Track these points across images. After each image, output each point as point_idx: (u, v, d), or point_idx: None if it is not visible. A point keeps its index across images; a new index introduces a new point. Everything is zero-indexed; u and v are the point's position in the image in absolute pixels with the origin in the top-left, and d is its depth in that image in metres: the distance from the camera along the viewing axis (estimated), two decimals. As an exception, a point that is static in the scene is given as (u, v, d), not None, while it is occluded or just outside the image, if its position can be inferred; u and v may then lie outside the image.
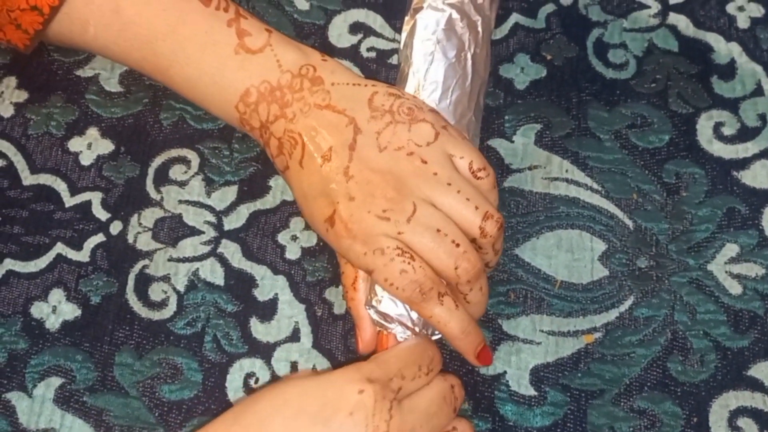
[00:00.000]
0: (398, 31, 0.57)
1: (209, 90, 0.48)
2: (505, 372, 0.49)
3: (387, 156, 0.45)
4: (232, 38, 0.48)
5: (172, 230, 0.53)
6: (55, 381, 0.49)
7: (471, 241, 0.45)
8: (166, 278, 0.51)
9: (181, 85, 0.49)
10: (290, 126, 0.46)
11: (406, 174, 0.45)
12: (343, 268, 0.48)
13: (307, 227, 0.52)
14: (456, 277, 0.44)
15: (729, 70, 0.57)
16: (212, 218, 0.53)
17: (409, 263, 0.43)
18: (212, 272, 0.52)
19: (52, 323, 0.50)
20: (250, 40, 0.48)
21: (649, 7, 0.59)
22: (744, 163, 0.54)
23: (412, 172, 0.45)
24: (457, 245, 0.44)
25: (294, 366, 0.50)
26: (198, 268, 0.52)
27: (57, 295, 0.51)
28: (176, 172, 0.54)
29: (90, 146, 0.54)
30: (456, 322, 0.44)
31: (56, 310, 0.51)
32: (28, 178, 0.53)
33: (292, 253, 0.52)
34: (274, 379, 0.49)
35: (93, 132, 0.55)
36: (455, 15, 0.49)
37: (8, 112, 0.55)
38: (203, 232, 0.53)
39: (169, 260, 0.52)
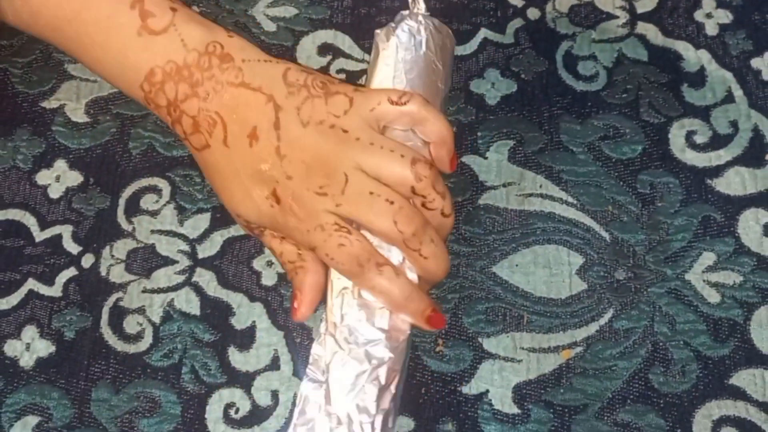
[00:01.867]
0: (367, 51, 0.57)
1: (115, 71, 0.49)
2: (488, 391, 0.49)
3: (312, 131, 0.46)
4: (135, 20, 0.48)
5: (146, 261, 0.52)
6: (32, 420, 0.48)
7: (413, 194, 0.46)
8: (140, 310, 0.51)
9: (91, 66, 0.50)
10: (205, 105, 0.47)
11: (333, 146, 0.45)
12: (279, 248, 0.48)
13: (283, 252, 0.52)
14: (399, 233, 0.45)
15: (699, 78, 0.57)
16: (186, 247, 0.52)
17: (346, 237, 0.44)
18: (188, 302, 0.51)
19: (27, 361, 0.49)
20: (153, 21, 0.48)
21: (617, 17, 0.59)
22: (717, 171, 0.54)
23: (337, 142, 0.45)
24: (391, 203, 0.45)
25: (275, 395, 0.49)
26: (173, 299, 0.51)
27: (30, 331, 0.50)
28: (147, 202, 0.53)
29: (58, 179, 0.54)
30: (398, 290, 0.45)
31: (30, 347, 0.50)
32: (-4, 214, 0.53)
33: (268, 279, 0.52)
34: (255, 408, 0.49)
35: (61, 164, 0.54)
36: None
37: (-26, 147, 0.54)
38: (177, 262, 0.52)
39: (143, 291, 0.51)
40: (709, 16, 0.59)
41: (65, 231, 0.52)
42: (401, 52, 0.49)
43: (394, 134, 0.47)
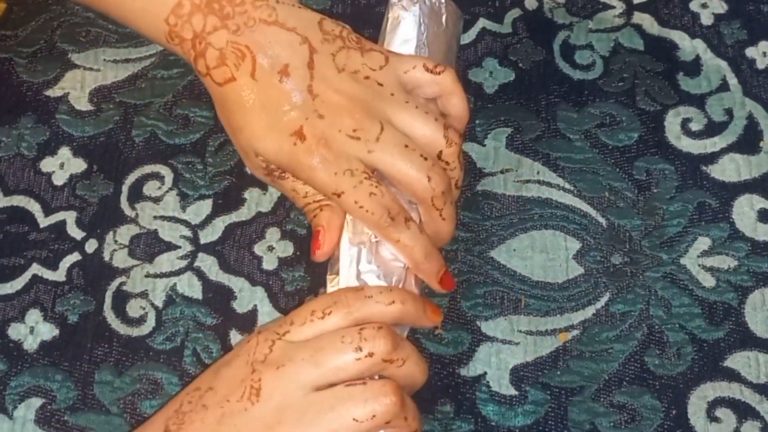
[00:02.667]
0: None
1: (138, 5, 0.47)
2: (486, 373, 0.50)
3: (347, 77, 0.46)
4: None
5: (149, 246, 0.53)
6: (36, 401, 0.49)
7: (438, 158, 0.46)
8: (143, 294, 0.51)
9: (110, 4, 0.49)
10: (234, 38, 0.46)
11: (368, 96, 0.45)
12: (287, 185, 0.48)
13: (284, 237, 0.53)
14: (430, 190, 0.45)
15: (694, 67, 0.57)
16: (188, 232, 0.53)
17: (377, 186, 0.44)
18: (190, 286, 0.52)
19: (30, 344, 0.50)
20: None
21: (613, 7, 0.59)
22: (712, 158, 0.55)
23: (373, 94, 0.46)
24: (425, 158, 0.45)
25: (275, 376, 0.50)
26: (175, 283, 0.52)
27: (34, 315, 0.51)
28: (150, 188, 0.54)
29: (62, 166, 0.54)
30: (420, 247, 0.45)
31: (34, 330, 0.50)
32: (1, 201, 0.53)
33: (269, 263, 0.52)
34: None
35: (65, 151, 0.55)
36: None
37: (-21, 134, 0.55)
38: (179, 247, 0.53)
39: (146, 276, 0.52)
40: (704, 6, 0.59)
41: (69, 217, 0.53)
42: (425, 23, 0.49)
43: None
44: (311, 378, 0.40)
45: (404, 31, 0.49)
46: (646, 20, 0.59)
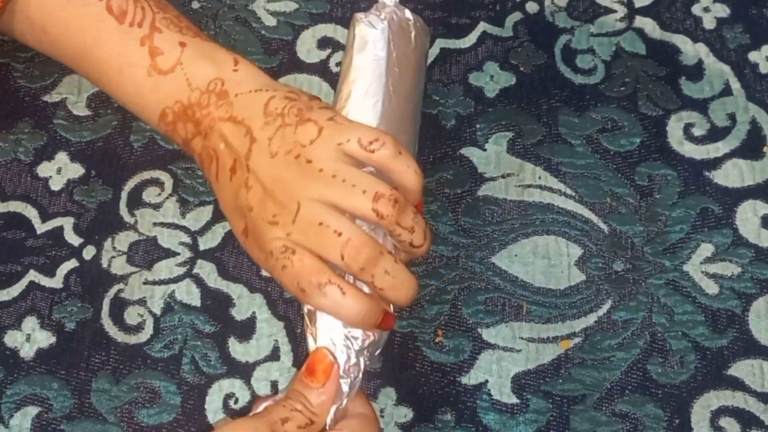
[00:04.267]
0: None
1: (133, 108, 0.49)
2: (487, 381, 0.49)
3: (278, 162, 0.45)
4: (144, 59, 0.47)
5: (147, 253, 0.52)
6: (32, 410, 0.48)
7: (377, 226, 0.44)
8: (141, 301, 0.51)
9: (114, 98, 0.50)
10: (205, 143, 0.46)
11: (294, 177, 0.44)
12: None
13: (283, 244, 0.52)
14: (346, 267, 0.43)
15: (697, 71, 0.57)
16: (187, 239, 0.52)
17: (288, 258, 0.43)
18: (188, 293, 0.51)
19: (27, 351, 0.50)
20: (162, 60, 0.47)
21: (615, 11, 0.59)
22: (715, 163, 0.54)
23: (300, 174, 0.44)
24: (339, 234, 0.43)
25: (274, 385, 0.49)
26: (174, 290, 0.51)
27: (31, 322, 0.50)
28: (150, 195, 0.54)
29: (60, 171, 0.54)
30: (345, 310, 0.43)
31: (30, 338, 0.50)
32: (-2, 206, 0.53)
33: (268, 270, 0.52)
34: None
35: (62, 156, 0.54)
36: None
37: (-24, 140, 0.54)
38: (178, 254, 0.52)
39: (144, 283, 0.51)
40: (706, 10, 0.59)
41: (66, 223, 0.53)
42: (393, 42, 0.47)
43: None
44: None
45: (372, 51, 0.47)
46: (648, 24, 0.58)
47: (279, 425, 0.39)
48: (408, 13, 0.48)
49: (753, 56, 0.57)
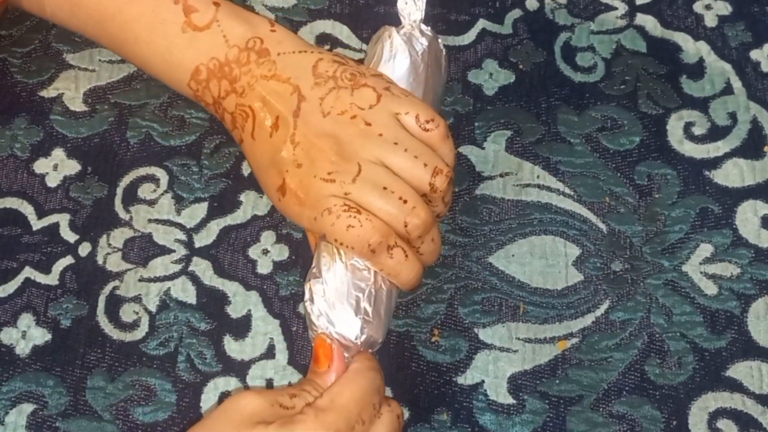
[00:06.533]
0: (365, 41, 0.57)
1: (161, 68, 0.48)
2: (483, 381, 0.49)
3: (330, 120, 0.45)
4: (179, 16, 0.47)
5: (143, 250, 0.52)
6: (27, 407, 0.48)
7: (422, 196, 0.45)
8: (137, 299, 0.51)
9: (136, 62, 0.50)
10: (241, 100, 0.47)
11: (350, 136, 0.45)
12: (309, 236, 0.48)
13: (279, 240, 0.52)
14: (406, 233, 0.44)
15: (698, 70, 0.56)
16: (182, 236, 0.52)
17: (355, 217, 0.43)
18: (184, 291, 0.51)
19: (22, 348, 0.50)
20: (197, 17, 0.47)
21: (615, 8, 0.58)
22: (715, 163, 0.54)
23: (357, 134, 0.45)
24: (405, 201, 0.44)
25: (269, 383, 0.49)
26: (169, 288, 0.51)
27: (26, 319, 0.50)
28: (145, 191, 0.53)
29: (56, 167, 0.54)
30: (406, 272, 0.45)
31: (26, 335, 0.50)
32: (-7, 202, 0.53)
33: (264, 267, 0.52)
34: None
35: (58, 153, 0.54)
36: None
37: (-28, 135, 0.54)
38: (174, 251, 0.52)
39: (139, 280, 0.51)
40: (708, 7, 0.58)
41: (62, 219, 0.52)
42: (427, 64, 0.48)
43: None
44: None
45: (404, 64, 0.48)
46: (648, 22, 0.58)
47: (287, 398, 0.40)
48: (435, 38, 0.50)
49: (755, 54, 0.57)
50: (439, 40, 0.50)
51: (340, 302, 0.43)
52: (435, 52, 0.49)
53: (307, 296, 0.44)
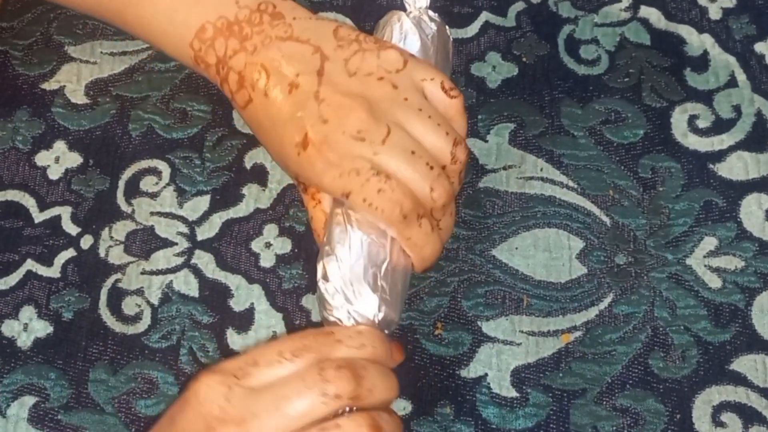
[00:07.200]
0: (368, 33, 0.57)
1: (163, 28, 0.47)
2: (486, 374, 0.49)
3: (357, 81, 0.44)
4: None
5: (145, 243, 0.52)
6: (29, 400, 0.48)
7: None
8: (139, 291, 0.51)
9: (135, 25, 0.49)
10: (252, 58, 0.46)
11: (379, 97, 0.44)
12: (312, 212, 0.47)
13: (282, 234, 0.52)
14: (432, 201, 0.44)
15: (702, 62, 0.56)
16: (185, 229, 0.52)
17: (384, 181, 0.42)
18: (186, 284, 0.51)
19: (24, 341, 0.49)
20: None
21: (619, 1, 0.58)
22: (720, 156, 0.54)
23: (384, 96, 0.44)
24: (431, 168, 0.43)
25: (272, 376, 0.49)
26: (172, 280, 0.51)
27: (28, 312, 0.50)
28: (147, 184, 0.53)
29: (58, 160, 0.54)
30: (430, 246, 0.44)
31: (28, 327, 0.50)
32: (-5, 195, 0.53)
33: (267, 260, 0.51)
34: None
35: (60, 145, 0.54)
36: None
37: (-27, 128, 0.54)
38: (176, 244, 0.52)
39: (142, 273, 0.51)
40: (712, 0, 0.58)
41: (64, 212, 0.52)
42: (436, 48, 0.48)
43: None
44: (278, 430, 0.37)
45: (415, 46, 0.48)
46: (652, 14, 0.58)
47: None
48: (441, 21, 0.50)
49: (759, 47, 0.57)
50: (447, 28, 0.50)
51: (357, 279, 0.42)
52: (443, 38, 0.49)
53: (320, 275, 0.42)
